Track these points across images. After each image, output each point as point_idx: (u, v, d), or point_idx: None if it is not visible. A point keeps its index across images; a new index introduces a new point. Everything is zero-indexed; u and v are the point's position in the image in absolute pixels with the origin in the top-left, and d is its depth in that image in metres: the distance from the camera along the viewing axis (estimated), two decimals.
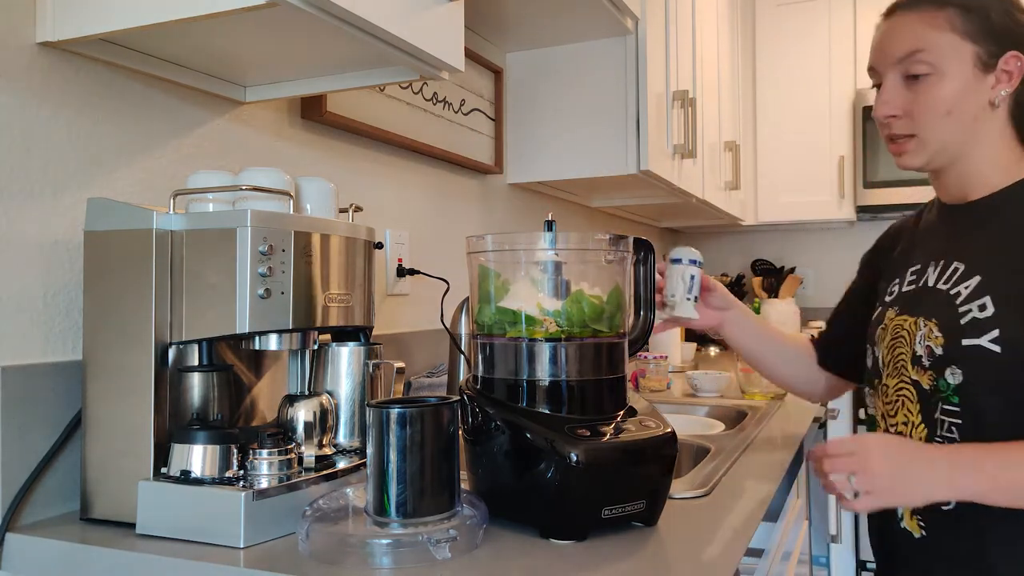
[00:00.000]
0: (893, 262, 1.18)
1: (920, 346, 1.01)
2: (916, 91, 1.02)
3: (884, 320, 1.10)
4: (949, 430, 0.98)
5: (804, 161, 3.31)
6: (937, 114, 1.01)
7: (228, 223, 0.86)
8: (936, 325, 1.00)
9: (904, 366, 1.04)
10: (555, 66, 1.98)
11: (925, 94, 1.02)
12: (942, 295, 1.02)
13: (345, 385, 1.01)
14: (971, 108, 1.01)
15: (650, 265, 1.05)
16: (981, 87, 1.00)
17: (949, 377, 0.98)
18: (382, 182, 1.56)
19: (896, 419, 1.05)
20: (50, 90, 0.95)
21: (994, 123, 1.02)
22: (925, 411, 1.01)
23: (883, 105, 1.05)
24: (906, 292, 1.08)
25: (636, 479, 0.85)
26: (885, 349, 1.08)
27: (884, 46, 1.06)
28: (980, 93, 1.01)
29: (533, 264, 0.91)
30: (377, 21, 0.93)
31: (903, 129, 1.04)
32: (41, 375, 0.92)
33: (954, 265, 1.03)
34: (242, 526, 0.80)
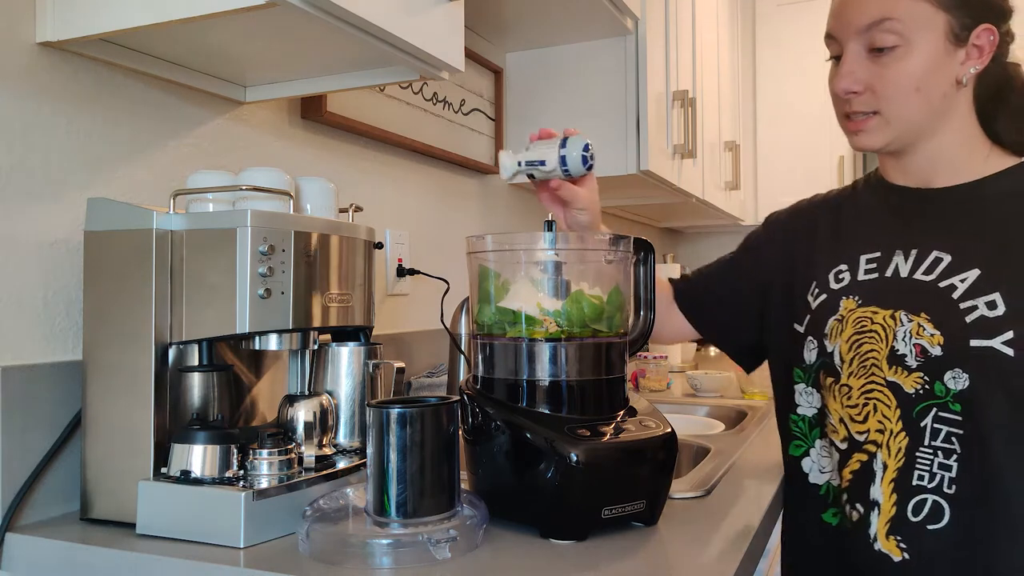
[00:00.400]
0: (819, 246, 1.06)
1: (904, 344, 0.92)
2: (882, 64, 0.93)
3: (838, 310, 0.98)
4: (948, 440, 0.89)
5: (804, 161, 3.31)
6: (905, 90, 0.93)
7: (228, 223, 0.86)
8: (929, 321, 0.90)
9: (876, 365, 0.94)
10: (555, 66, 1.98)
11: (892, 68, 0.93)
12: (928, 288, 0.92)
13: (345, 385, 1.01)
14: (940, 85, 0.93)
15: (650, 265, 1.05)
16: (951, 62, 0.92)
17: (950, 382, 0.89)
18: (382, 182, 1.56)
19: (867, 425, 0.95)
20: (50, 90, 0.95)
21: (960, 103, 0.95)
22: (908, 418, 0.91)
23: (844, 78, 0.96)
24: (866, 281, 0.98)
25: (636, 479, 0.85)
26: (844, 344, 0.97)
27: (846, 13, 0.96)
28: (949, 69, 0.92)
29: (533, 264, 0.91)
30: (377, 21, 0.93)
31: (864, 106, 0.96)
32: (41, 375, 0.92)
33: (934, 255, 0.94)
34: (242, 526, 0.80)
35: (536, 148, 1.05)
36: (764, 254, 1.15)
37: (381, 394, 1.03)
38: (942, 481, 0.89)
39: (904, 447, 0.91)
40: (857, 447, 0.96)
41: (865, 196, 1.06)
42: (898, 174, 1.02)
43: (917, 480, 0.90)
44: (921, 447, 0.90)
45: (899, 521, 0.91)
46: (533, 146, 1.05)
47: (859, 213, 1.05)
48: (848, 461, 0.97)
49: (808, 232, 1.10)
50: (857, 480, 0.96)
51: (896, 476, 0.92)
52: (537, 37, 1.93)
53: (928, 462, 0.90)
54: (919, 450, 0.91)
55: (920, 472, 0.90)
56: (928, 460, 0.90)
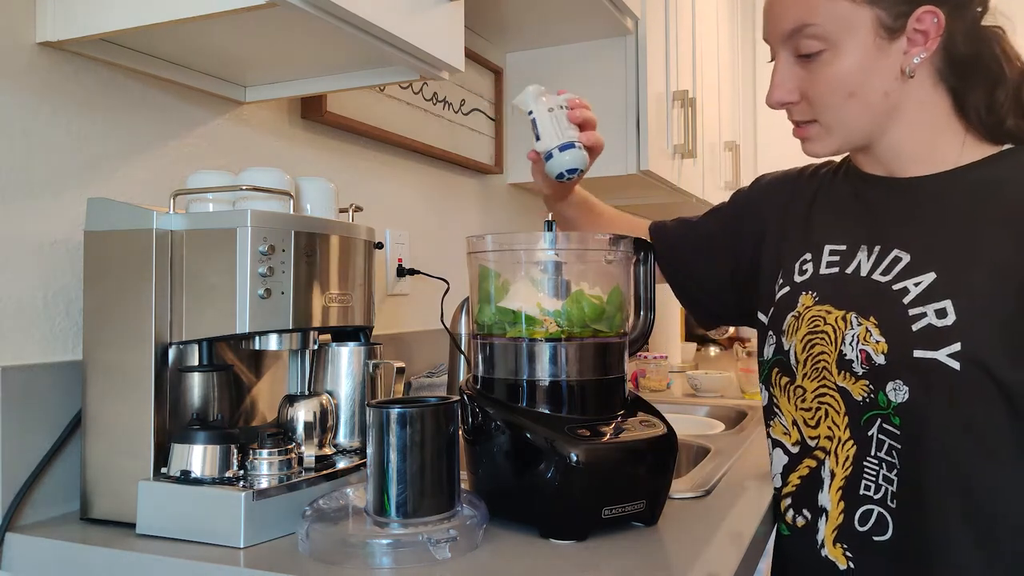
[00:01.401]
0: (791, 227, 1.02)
1: (851, 348, 0.87)
2: (810, 70, 0.88)
3: (796, 306, 0.94)
4: (889, 453, 0.85)
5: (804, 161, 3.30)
6: (838, 97, 0.87)
7: (228, 223, 0.86)
8: (877, 327, 0.85)
9: (827, 368, 0.89)
10: (555, 66, 1.98)
11: (820, 74, 0.88)
12: (882, 289, 0.87)
13: (345, 385, 1.00)
14: (879, 84, 0.86)
15: (650, 265, 1.05)
16: (888, 57, 0.86)
17: (891, 393, 0.84)
18: (382, 182, 1.56)
19: (818, 431, 0.91)
20: (50, 90, 0.95)
21: (915, 92, 0.88)
22: (856, 426, 0.87)
23: (775, 90, 0.91)
24: (826, 276, 0.93)
25: (636, 479, 0.85)
26: (799, 343, 0.92)
27: (770, 18, 0.92)
28: (888, 64, 0.86)
29: (533, 264, 0.91)
30: (377, 21, 0.93)
31: (802, 115, 0.92)
32: (41, 375, 0.92)
33: (894, 254, 0.88)
34: (242, 526, 0.80)
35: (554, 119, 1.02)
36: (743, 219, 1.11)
37: (381, 394, 1.03)
38: (886, 494, 0.86)
39: (852, 455, 0.88)
40: (808, 452, 0.93)
41: (840, 182, 1.01)
42: (866, 163, 0.97)
43: (864, 490, 0.87)
44: (868, 456, 0.87)
45: (846, 529, 0.89)
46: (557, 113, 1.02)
47: (831, 200, 1.00)
48: (797, 466, 0.94)
49: (786, 207, 1.05)
50: (804, 486, 0.93)
51: (844, 484, 0.89)
52: (537, 37, 1.93)
53: (874, 473, 0.87)
54: (866, 459, 0.87)
55: (867, 482, 0.87)
56: (874, 471, 0.87)
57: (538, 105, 1.03)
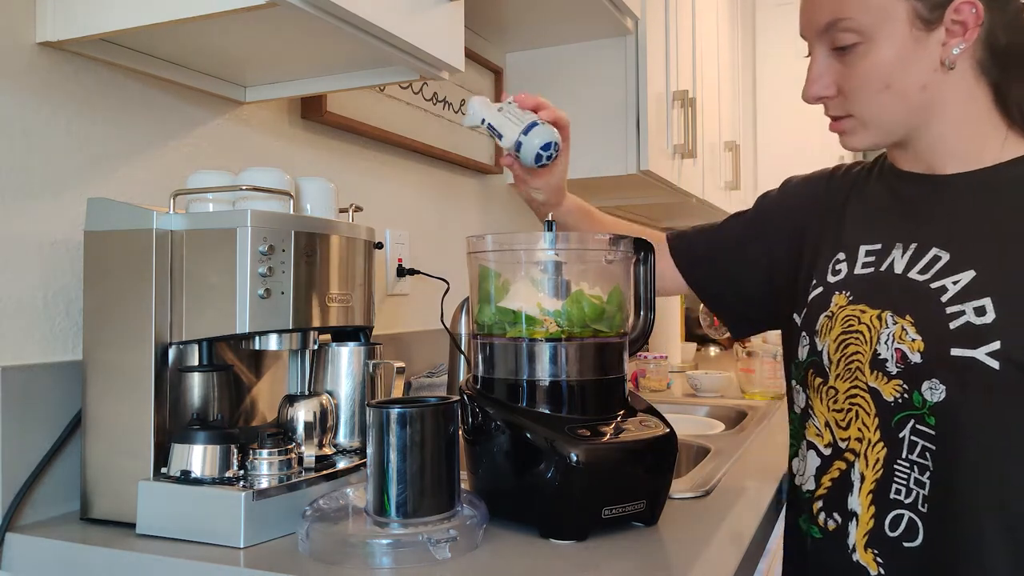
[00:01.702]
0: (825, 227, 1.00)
1: (886, 347, 0.86)
2: (846, 63, 0.88)
3: (830, 306, 0.93)
4: (922, 455, 0.83)
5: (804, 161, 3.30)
6: (874, 90, 0.86)
7: (228, 223, 0.86)
8: (913, 325, 0.84)
9: (860, 368, 0.88)
10: (555, 66, 1.98)
11: (856, 67, 0.87)
12: (919, 288, 0.86)
13: (345, 385, 1.00)
14: (916, 76, 0.85)
15: (650, 265, 1.05)
16: (926, 49, 0.84)
17: (927, 392, 0.82)
18: (382, 182, 1.56)
19: (848, 432, 0.90)
20: (50, 90, 0.95)
21: (956, 85, 0.86)
22: (886, 427, 0.86)
23: (811, 85, 0.92)
24: (861, 276, 0.91)
25: (636, 479, 0.85)
26: (832, 343, 0.91)
27: (806, 12, 0.92)
28: (926, 56, 0.85)
29: (533, 264, 0.91)
30: (377, 21, 0.93)
31: (837, 109, 0.91)
32: (41, 375, 0.92)
33: (933, 252, 0.87)
34: (242, 526, 0.80)
35: (506, 114, 1.00)
36: (775, 222, 1.09)
37: (381, 394, 1.03)
38: (917, 498, 0.84)
39: (882, 458, 0.86)
40: (838, 454, 0.92)
41: (874, 181, 0.99)
42: (903, 160, 0.95)
43: (894, 494, 0.86)
44: (899, 459, 0.85)
45: (877, 534, 0.87)
46: (507, 108, 1.01)
47: (866, 199, 0.98)
48: (829, 468, 0.93)
49: (819, 207, 1.03)
50: (836, 488, 0.92)
51: (874, 488, 0.88)
52: (537, 37, 1.93)
53: (905, 476, 0.85)
54: (897, 462, 0.85)
55: (898, 486, 0.86)
56: (905, 474, 0.85)
57: (487, 111, 1.01)
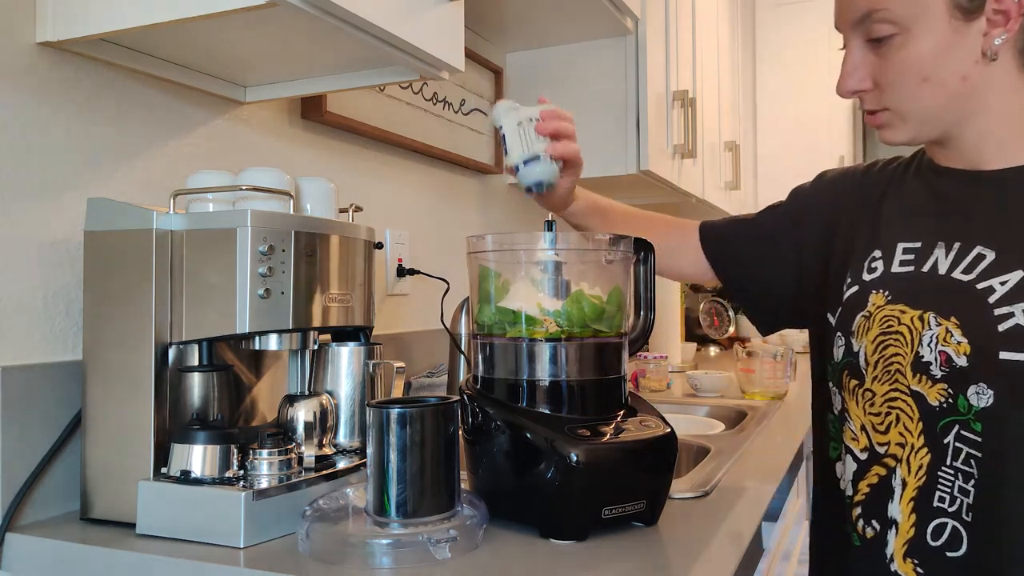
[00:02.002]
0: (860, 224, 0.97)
1: (929, 350, 0.83)
2: (882, 55, 0.85)
3: (866, 306, 0.90)
4: (967, 462, 0.81)
5: (804, 161, 3.31)
6: (910, 83, 0.84)
7: (228, 223, 0.86)
8: (958, 327, 0.81)
9: (900, 372, 0.86)
10: (555, 66, 1.98)
11: (892, 59, 0.84)
12: (964, 288, 0.83)
13: (345, 385, 1.00)
14: (956, 67, 0.82)
15: (650, 265, 1.05)
16: (966, 39, 0.82)
17: (973, 397, 0.80)
18: (382, 182, 1.56)
19: (888, 437, 0.87)
20: (50, 90, 0.95)
21: (999, 77, 0.83)
22: (931, 432, 0.83)
23: (846, 78, 0.88)
24: (900, 274, 0.89)
25: (636, 479, 0.85)
26: (869, 344, 0.89)
27: (840, 4, 0.89)
28: (966, 47, 0.82)
29: (533, 264, 0.91)
30: (377, 21, 0.93)
31: (874, 103, 0.88)
32: (41, 375, 0.92)
33: (977, 251, 0.83)
34: (242, 526, 0.80)
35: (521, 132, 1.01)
36: (807, 217, 1.06)
37: (381, 394, 1.03)
38: (961, 506, 0.81)
39: (926, 464, 0.83)
40: (877, 459, 0.89)
41: (912, 177, 0.95)
42: (943, 156, 0.92)
43: (938, 502, 0.83)
44: (943, 466, 0.82)
45: (918, 544, 0.84)
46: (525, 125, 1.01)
47: (903, 196, 0.94)
48: (866, 473, 0.90)
49: (853, 203, 1.00)
50: (874, 495, 0.89)
51: (916, 495, 0.84)
52: (537, 37, 1.93)
53: (950, 483, 0.82)
54: (941, 469, 0.82)
55: (941, 494, 0.83)
56: (950, 481, 0.82)
57: (507, 120, 1.01)
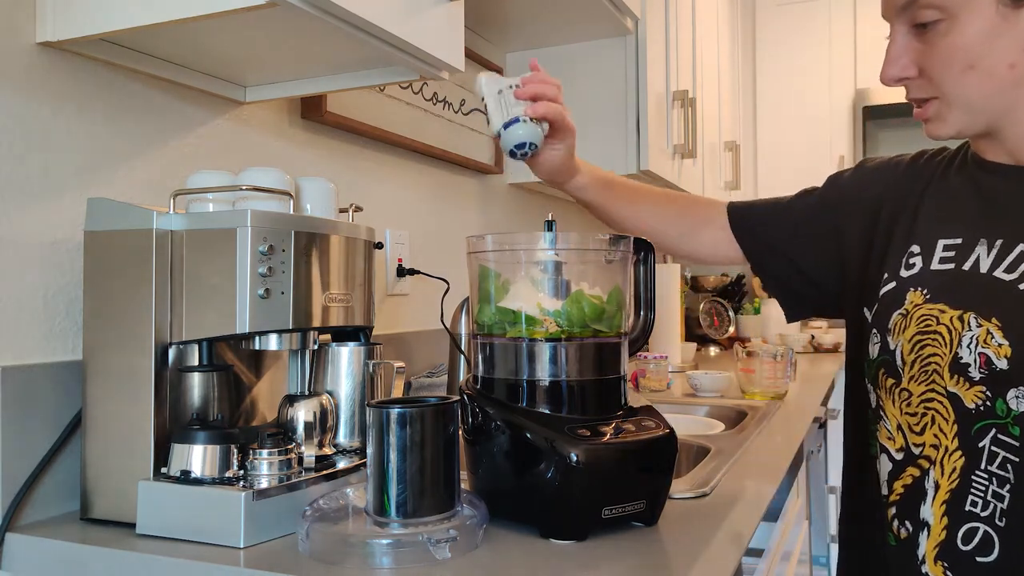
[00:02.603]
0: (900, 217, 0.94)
1: (969, 351, 0.81)
2: (927, 41, 0.83)
3: (904, 303, 0.88)
4: (1003, 467, 0.79)
5: (804, 161, 3.31)
6: (957, 69, 0.81)
7: (228, 223, 0.86)
8: (999, 329, 0.80)
9: (938, 372, 0.84)
10: (555, 66, 1.98)
11: (938, 45, 0.82)
12: (1007, 288, 0.81)
13: (345, 385, 1.00)
14: (1004, 55, 0.80)
15: (650, 265, 1.05)
16: (1014, 27, 0.79)
17: (1012, 401, 0.78)
18: (382, 182, 1.56)
19: (923, 438, 0.85)
20: (50, 90, 0.95)
21: None
22: (965, 435, 0.81)
23: (889, 65, 0.86)
24: (939, 271, 0.86)
25: (636, 479, 0.85)
26: (906, 343, 0.87)
27: None
28: (1014, 34, 0.79)
29: (533, 264, 0.91)
30: (377, 21, 0.93)
31: (921, 91, 0.86)
32: (41, 375, 0.92)
33: (1021, 248, 0.81)
34: (242, 526, 0.80)
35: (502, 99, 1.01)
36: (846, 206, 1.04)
37: (381, 394, 1.03)
38: (995, 511, 0.80)
39: (959, 467, 0.82)
40: (911, 460, 0.87)
41: (955, 172, 0.93)
42: (990, 151, 0.89)
43: (970, 506, 0.82)
44: (978, 469, 0.81)
45: (948, 547, 0.83)
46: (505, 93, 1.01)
47: (946, 190, 0.92)
48: (901, 474, 0.89)
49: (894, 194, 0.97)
50: (908, 496, 0.88)
51: (948, 498, 0.83)
52: (537, 37, 1.93)
53: (983, 488, 0.81)
54: (975, 472, 0.81)
55: (974, 497, 0.81)
56: (983, 485, 0.81)
57: (488, 89, 1.02)
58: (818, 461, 2.14)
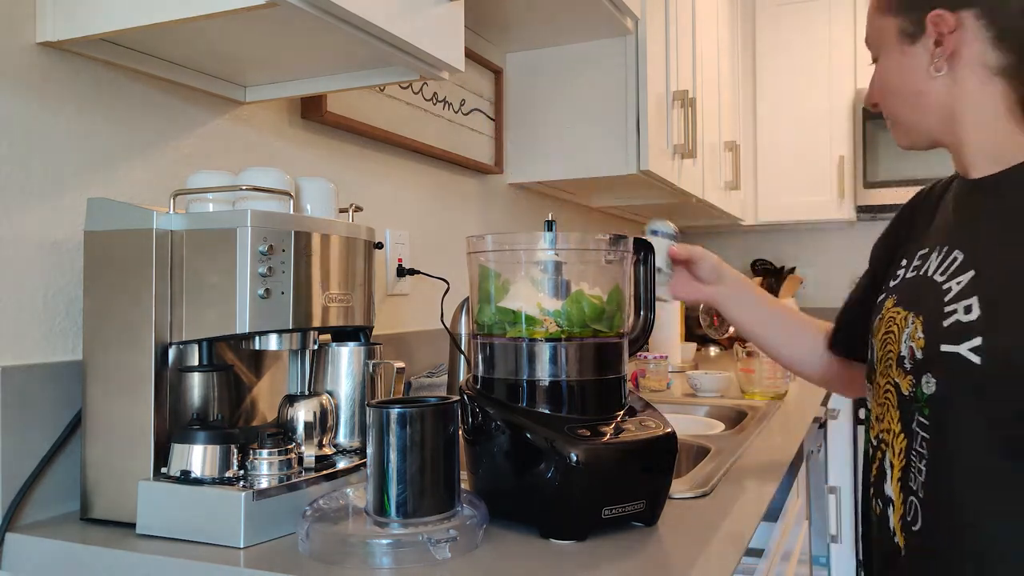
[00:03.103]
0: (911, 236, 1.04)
1: (905, 346, 0.91)
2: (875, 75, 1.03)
3: (882, 309, 0.99)
4: (922, 445, 0.88)
5: (804, 161, 3.31)
6: (887, 94, 1.00)
7: (228, 223, 0.86)
8: (921, 324, 0.89)
9: (890, 365, 0.94)
10: (555, 66, 1.98)
11: (874, 77, 1.02)
12: (936, 288, 0.90)
13: (345, 385, 1.01)
14: (912, 83, 0.95)
15: (650, 265, 1.05)
16: (913, 59, 0.94)
17: (925, 386, 0.88)
18: (382, 182, 1.56)
19: (883, 424, 0.96)
20: (50, 90, 0.95)
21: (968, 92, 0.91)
22: (904, 419, 0.92)
23: (867, 96, 1.05)
24: (908, 279, 0.97)
25: (636, 479, 0.85)
26: (878, 344, 0.98)
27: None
28: (914, 65, 0.94)
29: (533, 264, 0.91)
30: (377, 21, 0.93)
31: (883, 112, 1.03)
32: (41, 375, 0.92)
33: (954, 254, 0.90)
34: (242, 526, 0.80)
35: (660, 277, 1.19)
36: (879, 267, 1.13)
37: (381, 394, 1.03)
38: (919, 485, 0.89)
39: (903, 448, 0.92)
40: (878, 444, 0.98)
41: (946, 191, 1.03)
42: (958, 167, 1.00)
43: (911, 482, 0.91)
44: (913, 449, 0.90)
45: (903, 520, 0.92)
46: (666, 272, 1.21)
47: (939, 206, 1.02)
48: (875, 457, 0.99)
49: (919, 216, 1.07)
50: (878, 476, 0.98)
51: (900, 476, 0.93)
52: (537, 37, 1.93)
53: (915, 465, 0.90)
54: (911, 452, 0.90)
55: (912, 474, 0.91)
56: (916, 463, 0.90)
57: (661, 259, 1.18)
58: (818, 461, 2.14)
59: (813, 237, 3.73)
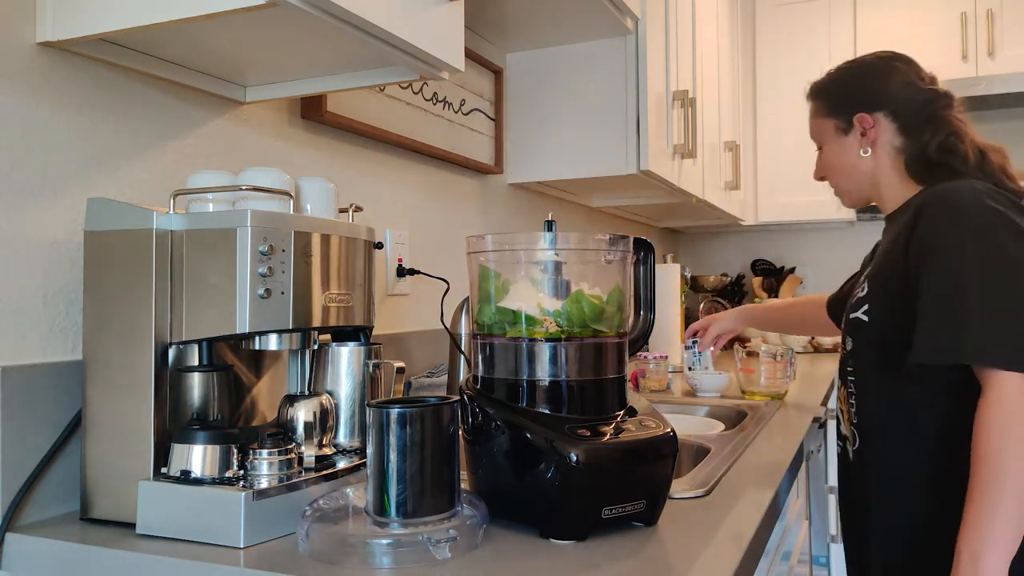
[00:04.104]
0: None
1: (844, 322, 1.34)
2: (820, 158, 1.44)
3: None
4: (850, 386, 1.29)
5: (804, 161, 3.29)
6: (829, 173, 1.42)
7: (228, 223, 0.86)
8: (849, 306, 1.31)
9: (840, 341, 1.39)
10: (555, 66, 1.98)
11: (819, 161, 1.44)
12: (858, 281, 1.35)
13: (345, 385, 1.01)
14: (846, 161, 1.37)
15: (650, 265, 1.05)
16: (847, 145, 1.36)
17: (847, 344, 1.30)
18: (382, 182, 1.56)
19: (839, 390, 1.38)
20: (50, 90, 0.95)
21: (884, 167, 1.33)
22: (842, 374, 1.32)
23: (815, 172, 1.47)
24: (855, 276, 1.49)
25: (636, 479, 0.85)
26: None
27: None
28: (848, 149, 1.36)
29: (533, 264, 0.91)
30: (377, 21, 0.93)
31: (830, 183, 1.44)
32: (41, 375, 0.92)
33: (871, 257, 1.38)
34: (242, 526, 0.80)
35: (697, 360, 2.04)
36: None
37: (381, 394, 1.03)
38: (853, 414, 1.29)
39: (845, 396, 1.32)
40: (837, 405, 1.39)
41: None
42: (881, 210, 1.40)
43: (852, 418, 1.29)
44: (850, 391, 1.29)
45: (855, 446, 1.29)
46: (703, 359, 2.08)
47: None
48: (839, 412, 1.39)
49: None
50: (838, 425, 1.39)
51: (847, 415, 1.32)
52: (537, 37, 1.93)
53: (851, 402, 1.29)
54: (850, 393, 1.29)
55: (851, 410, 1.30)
56: (851, 401, 1.29)
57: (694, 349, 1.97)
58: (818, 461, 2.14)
59: (813, 237, 3.73)
